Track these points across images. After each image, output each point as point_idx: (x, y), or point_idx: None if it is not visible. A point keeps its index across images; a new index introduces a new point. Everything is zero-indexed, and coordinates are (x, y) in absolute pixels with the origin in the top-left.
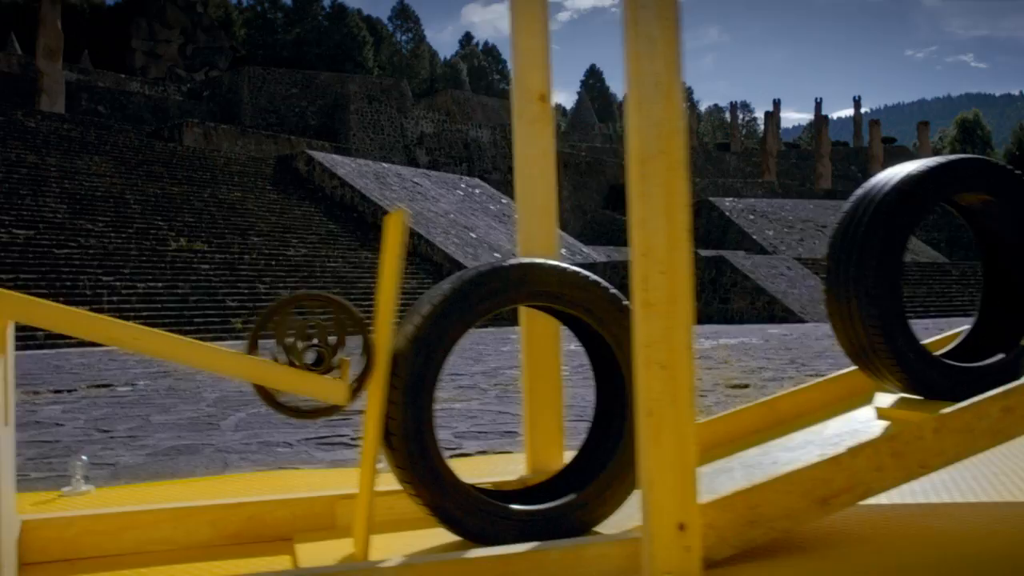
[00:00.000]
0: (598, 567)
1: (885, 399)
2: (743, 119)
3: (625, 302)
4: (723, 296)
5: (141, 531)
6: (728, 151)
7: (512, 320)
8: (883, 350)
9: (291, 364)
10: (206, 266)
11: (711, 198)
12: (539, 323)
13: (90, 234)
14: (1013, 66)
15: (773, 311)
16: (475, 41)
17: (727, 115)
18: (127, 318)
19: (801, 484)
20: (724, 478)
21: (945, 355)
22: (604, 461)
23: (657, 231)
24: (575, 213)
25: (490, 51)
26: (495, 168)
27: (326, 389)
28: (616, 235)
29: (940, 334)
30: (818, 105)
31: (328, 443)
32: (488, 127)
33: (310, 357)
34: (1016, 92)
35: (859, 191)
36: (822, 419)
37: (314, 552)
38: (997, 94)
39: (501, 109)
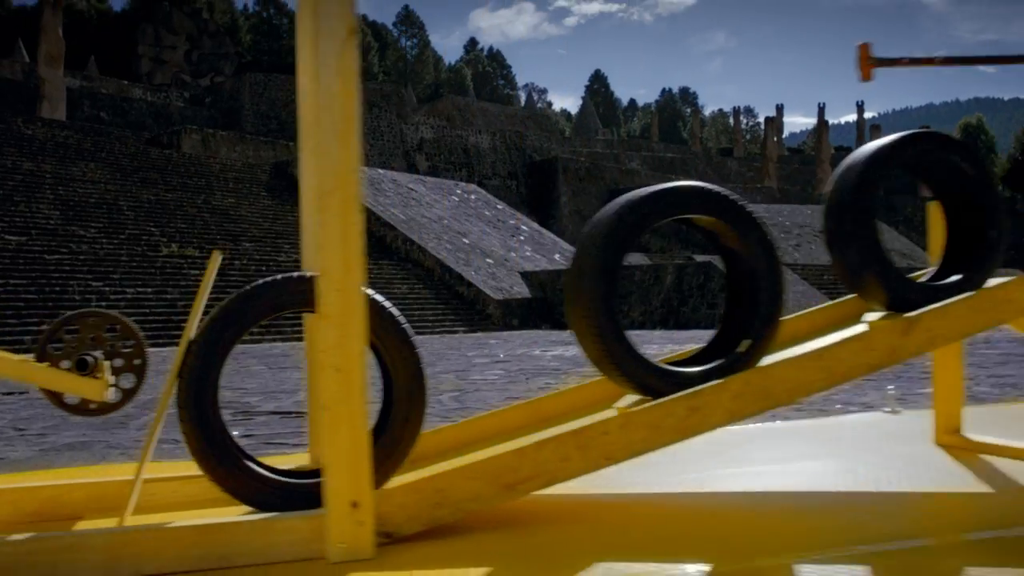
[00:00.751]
0: (287, 538)
1: (625, 400)
2: (748, 124)
3: (392, 312)
4: (710, 302)
5: None
6: (731, 156)
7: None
8: (606, 359)
9: (59, 367)
10: (196, 271)
11: None
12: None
13: (82, 240)
14: (1022, 71)
15: None
16: (480, 46)
17: (732, 120)
18: None
19: (487, 471)
20: (447, 466)
21: (683, 361)
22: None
23: (333, 255)
24: (574, 219)
25: (495, 56)
26: (495, 173)
27: (83, 387)
28: None
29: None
30: (821, 110)
31: None
32: (488, 133)
33: (104, 366)
34: None
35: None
36: (573, 419)
37: (85, 527)
38: (1006, 98)
39: (502, 115)
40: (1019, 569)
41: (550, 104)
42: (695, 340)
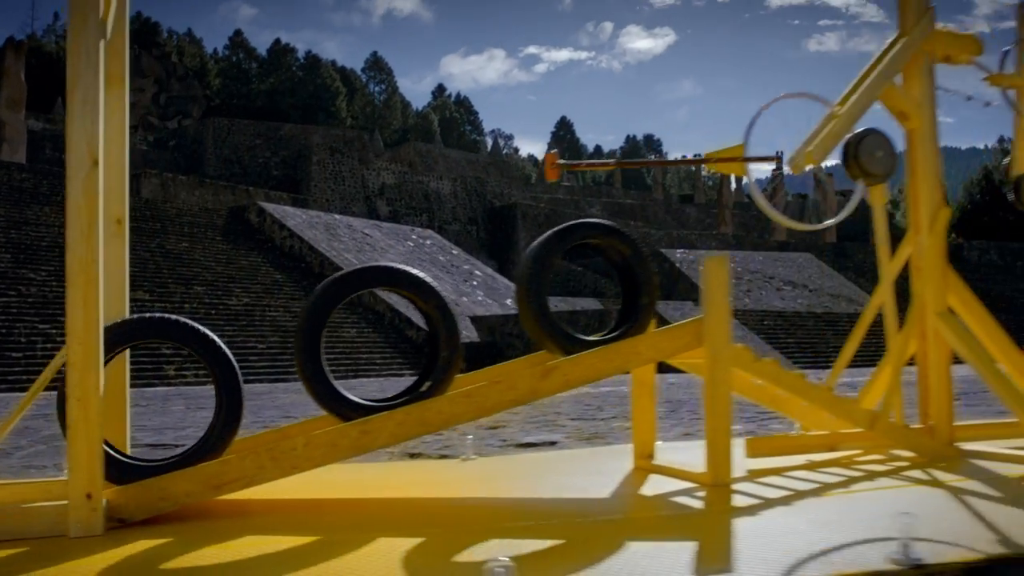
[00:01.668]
0: (39, 519)
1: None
2: (710, 171)
3: (213, 340)
4: None
5: None
6: (691, 203)
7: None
8: (315, 399)
9: None
10: (146, 315)
11: (662, 249)
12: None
13: (31, 283)
14: (976, 121)
15: None
16: (448, 92)
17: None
18: None
19: (199, 475)
20: None
21: (390, 398)
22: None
23: (76, 325)
24: None
25: (462, 103)
26: (455, 219)
27: None
28: (573, 285)
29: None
30: (778, 158)
31: None
32: (449, 179)
33: None
34: (981, 146)
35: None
36: None
37: None
38: (963, 147)
39: (464, 161)
40: (664, 541)
41: (516, 150)
42: (599, 384)
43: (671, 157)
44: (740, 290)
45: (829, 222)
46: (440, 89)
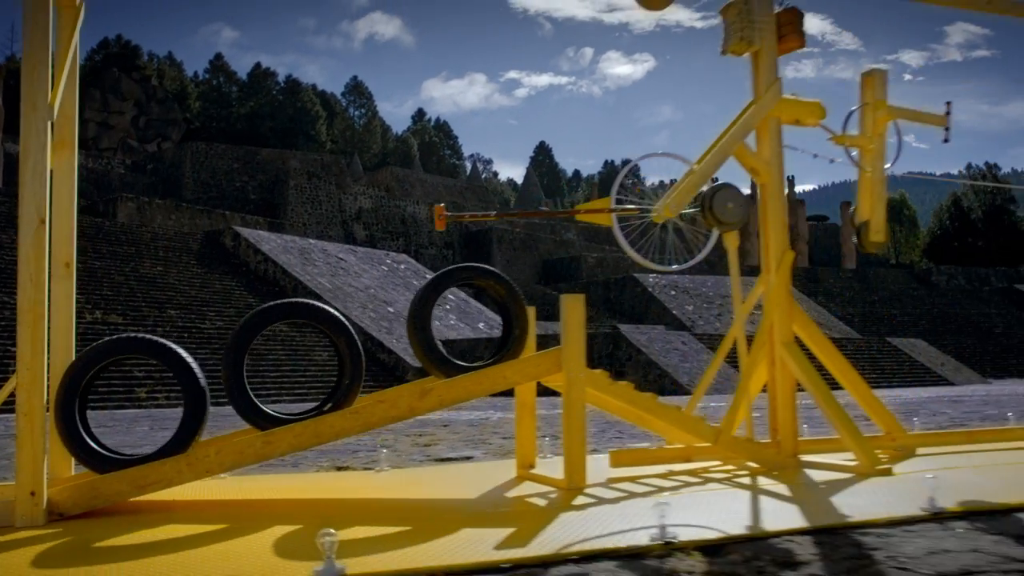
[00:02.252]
0: None
1: None
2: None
3: (177, 351)
4: (619, 370)
5: None
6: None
7: None
8: (238, 411)
9: None
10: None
11: (635, 274)
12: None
13: (6, 306)
14: (950, 148)
15: (664, 384)
16: (428, 117)
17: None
18: None
19: (127, 477)
20: None
21: (304, 412)
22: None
23: (24, 356)
24: None
25: (441, 127)
26: (431, 243)
27: None
28: (548, 309)
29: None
30: (752, 185)
31: None
32: (426, 203)
33: None
34: (955, 171)
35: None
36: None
37: None
38: (937, 173)
39: (441, 186)
40: (503, 528)
41: (495, 174)
42: (549, 406)
43: (648, 182)
44: (711, 314)
45: (687, 264)
46: (420, 113)
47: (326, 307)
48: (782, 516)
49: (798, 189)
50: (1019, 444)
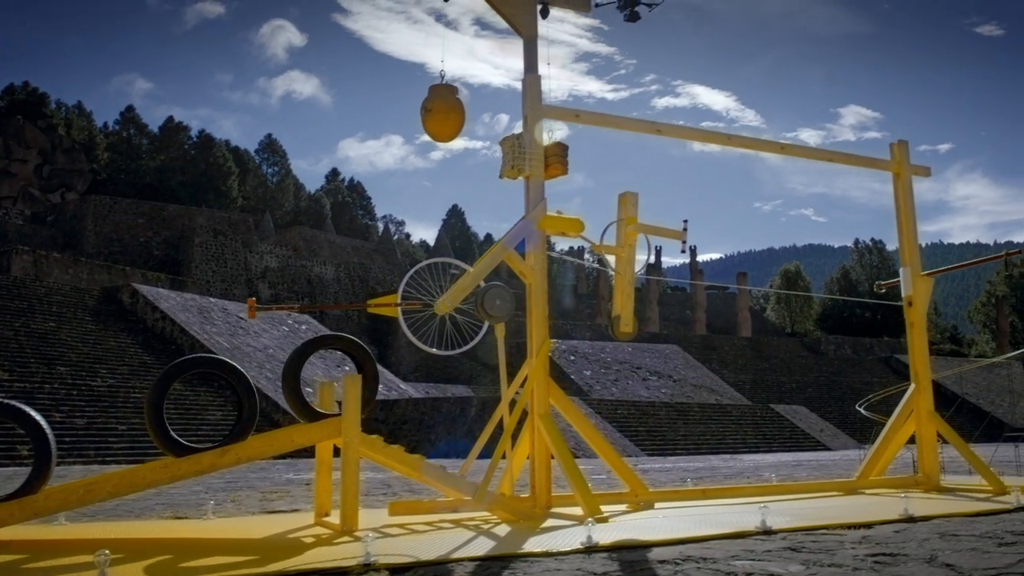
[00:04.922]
0: None
1: None
2: (591, 261)
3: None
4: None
5: None
6: (575, 293)
7: None
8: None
9: None
10: (2, 394)
11: None
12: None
13: None
14: (847, 221)
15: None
16: (341, 176)
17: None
18: None
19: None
20: None
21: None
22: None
23: None
24: (410, 349)
25: (355, 187)
26: (336, 303)
27: None
28: (451, 371)
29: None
30: (658, 252)
31: None
32: (333, 264)
33: None
34: (850, 243)
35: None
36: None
37: None
38: (835, 245)
39: (349, 247)
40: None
41: (408, 236)
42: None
43: (558, 249)
44: (608, 379)
45: (462, 348)
46: (334, 173)
47: (231, 362)
48: (474, 548)
49: (700, 259)
50: (742, 499)
